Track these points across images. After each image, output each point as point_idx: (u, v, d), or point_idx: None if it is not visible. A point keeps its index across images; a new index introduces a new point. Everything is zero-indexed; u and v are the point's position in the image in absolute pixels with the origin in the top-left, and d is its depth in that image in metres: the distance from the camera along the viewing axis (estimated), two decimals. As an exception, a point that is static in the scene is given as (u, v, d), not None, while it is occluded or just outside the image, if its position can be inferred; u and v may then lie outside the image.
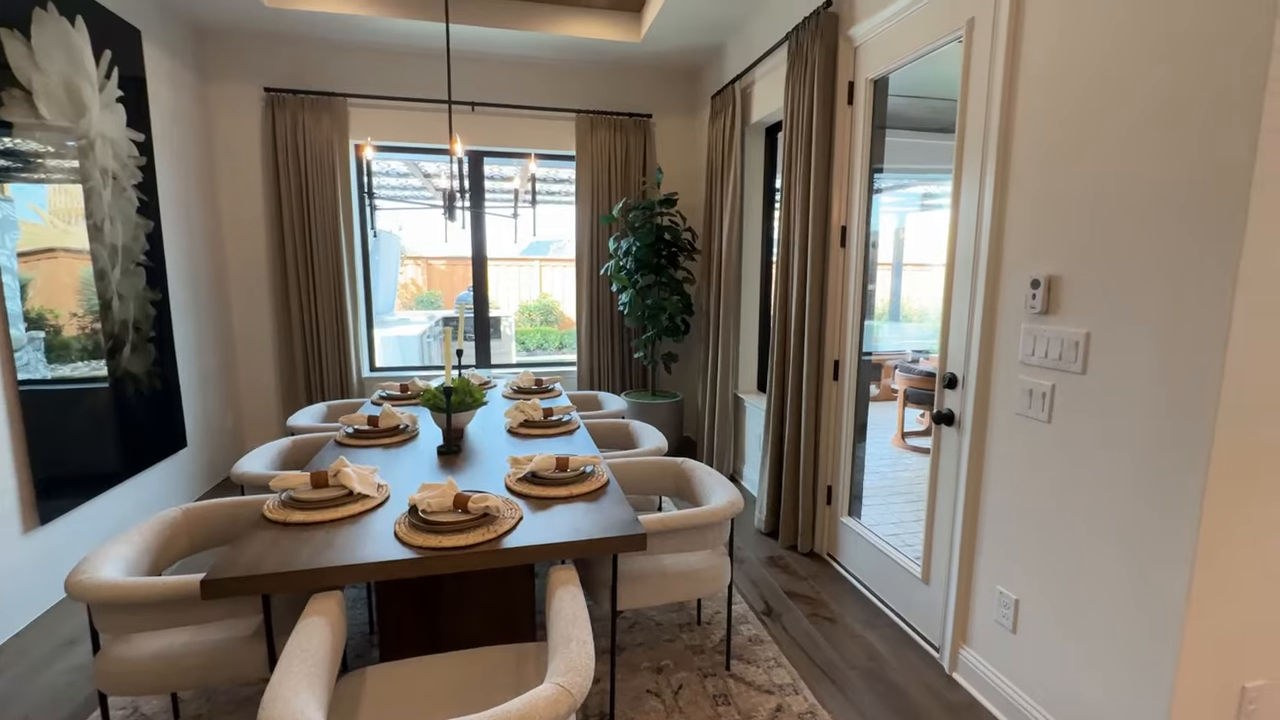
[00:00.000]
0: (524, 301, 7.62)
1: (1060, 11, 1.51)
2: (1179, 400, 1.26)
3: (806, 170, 2.56)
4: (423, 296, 7.97)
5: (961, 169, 1.86)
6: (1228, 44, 1.16)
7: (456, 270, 8.42)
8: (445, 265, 8.24)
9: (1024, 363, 1.65)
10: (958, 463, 1.90)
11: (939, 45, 1.96)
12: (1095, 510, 1.46)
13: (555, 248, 7.67)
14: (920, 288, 7.55)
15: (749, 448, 3.59)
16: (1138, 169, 1.33)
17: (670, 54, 3.92)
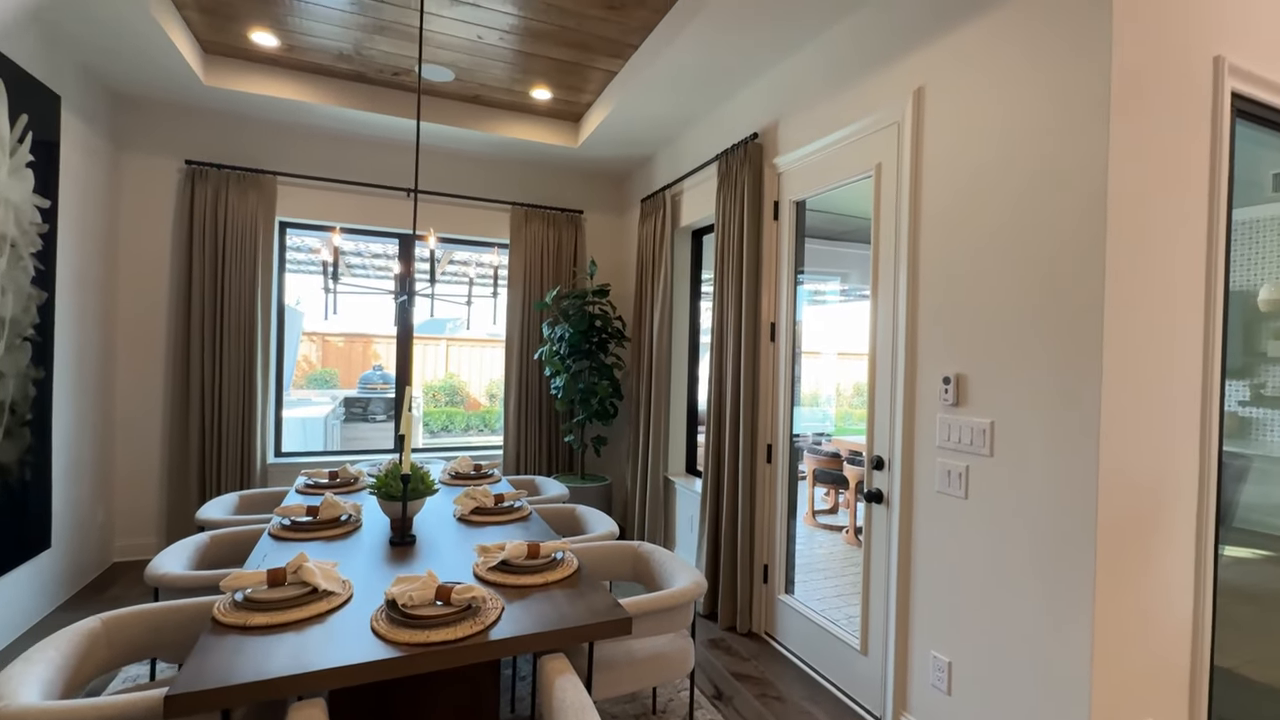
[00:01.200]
0: (429, 381, 7.40)
1: (946, 163, 1.92)
2: (1069, 478, 1.56)
3: (739, 273, 2.87)
4: (316, 375, 7.51)
5: (878, 281, 2.21)
6: (1074, 190, 1.55)
7: (355, 347, 8.06)
8: (344, 342, 7.87)
9: (941, 447, 1.93)
10: (888, 537, 2.12)
11: (852, 181, 2.37)
12: (1012, 574, 1.70)
13: (453, 326, 7.62)
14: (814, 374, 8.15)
15: (680, 530, 3.68)
16: (1017, 288, 1.69)
17: (604, 160, 4.28)
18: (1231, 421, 2.98)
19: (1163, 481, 1.63)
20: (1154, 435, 1.61)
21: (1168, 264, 1.61)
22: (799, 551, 3.38)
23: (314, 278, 5.48)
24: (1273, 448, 2.82)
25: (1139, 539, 1.59)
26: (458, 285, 5.75)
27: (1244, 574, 2.52)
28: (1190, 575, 1.71)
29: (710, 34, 2.53)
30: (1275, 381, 2.86)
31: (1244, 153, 1.96)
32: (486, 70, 3.32)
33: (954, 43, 1.90)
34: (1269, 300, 2.83)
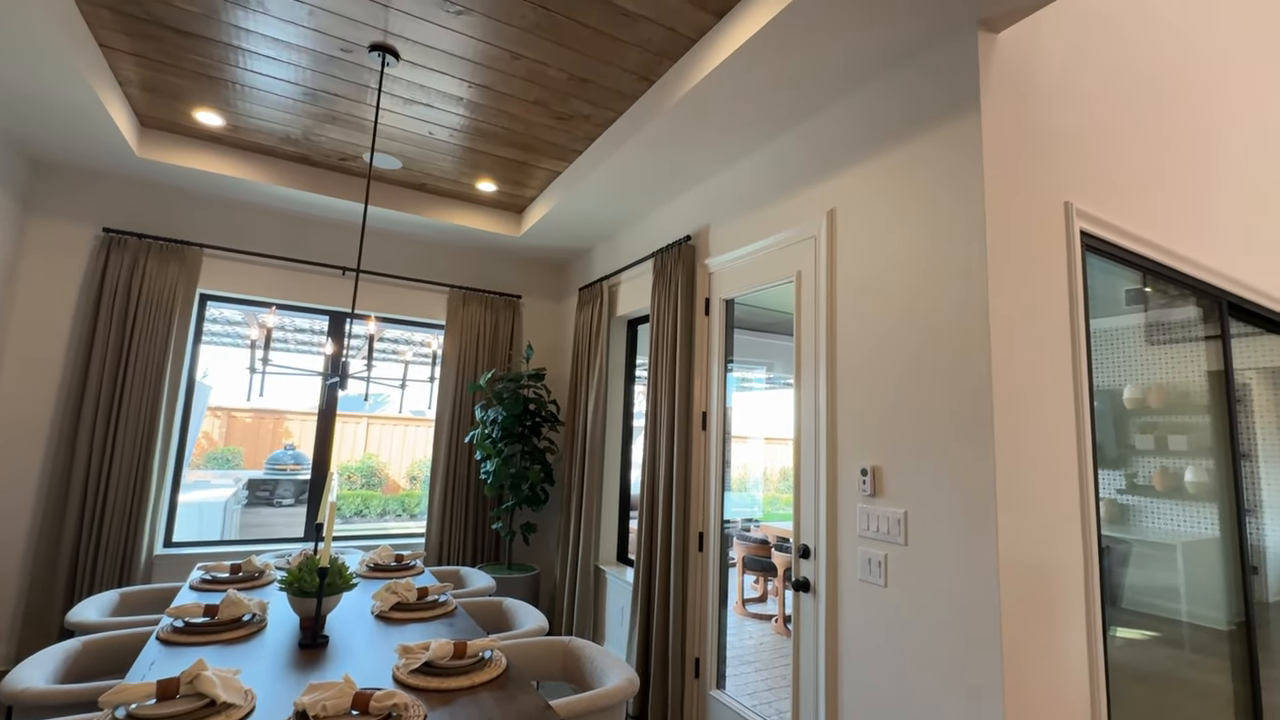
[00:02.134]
0: (344, 461, 7.00)
1: (856, 276, 2.15)
2: (973, 565, 1.69)
3: (672, 364, 3.00)
4: (217, 454, 6.95)
5: (800, 377, 2.38)
6: (962, 306, 1.78)
7: (264, 424, 7.58)
8: (252, 418, 7.41)
9: (862, 535, 2.04)
10: (816, 627, 2.16)
11: (776, 285, 2.60)
12: (931, 661, 1.78)
13: (374, 403, 7.34)
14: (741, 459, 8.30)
15: (609, 621, 3.57)
16: (921, 390, 1.88)
17: (545, 249, 4.45)
18: (1113, 509, 3.31)
19: (1053, 566, 1.79)
20: (1043, 523, 1.78)
21: (1042, 370, 1.86)
22: (730, 643, 3.34)
23: (229, 350, 5.22)
24: (1148, 532, 3.13)
25: (1037, 622, 1.71)
26: (387, 364, 5.62)
27: (1134, 655, 2.72)
28: (1084, 657, 1.84)
29: (648, 149, 2.79)
30: (1145, 471, 3.22)
31: (1103, 270, 2.33)
32: (434, 161, 3.45)
33: (861, 174, 2.20)
34: (1132, 399, 3.24)
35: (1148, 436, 3.21)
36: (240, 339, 4.91)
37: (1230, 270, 2.83)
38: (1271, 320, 3.23)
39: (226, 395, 6.82)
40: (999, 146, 1.85)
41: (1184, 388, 3.07)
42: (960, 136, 1.86)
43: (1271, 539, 3.35)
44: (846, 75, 2.17)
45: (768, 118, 2.48)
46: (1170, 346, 3.09)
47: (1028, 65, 2.00)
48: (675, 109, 2.45)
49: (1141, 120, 2.47)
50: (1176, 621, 2.90)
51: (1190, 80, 2.80)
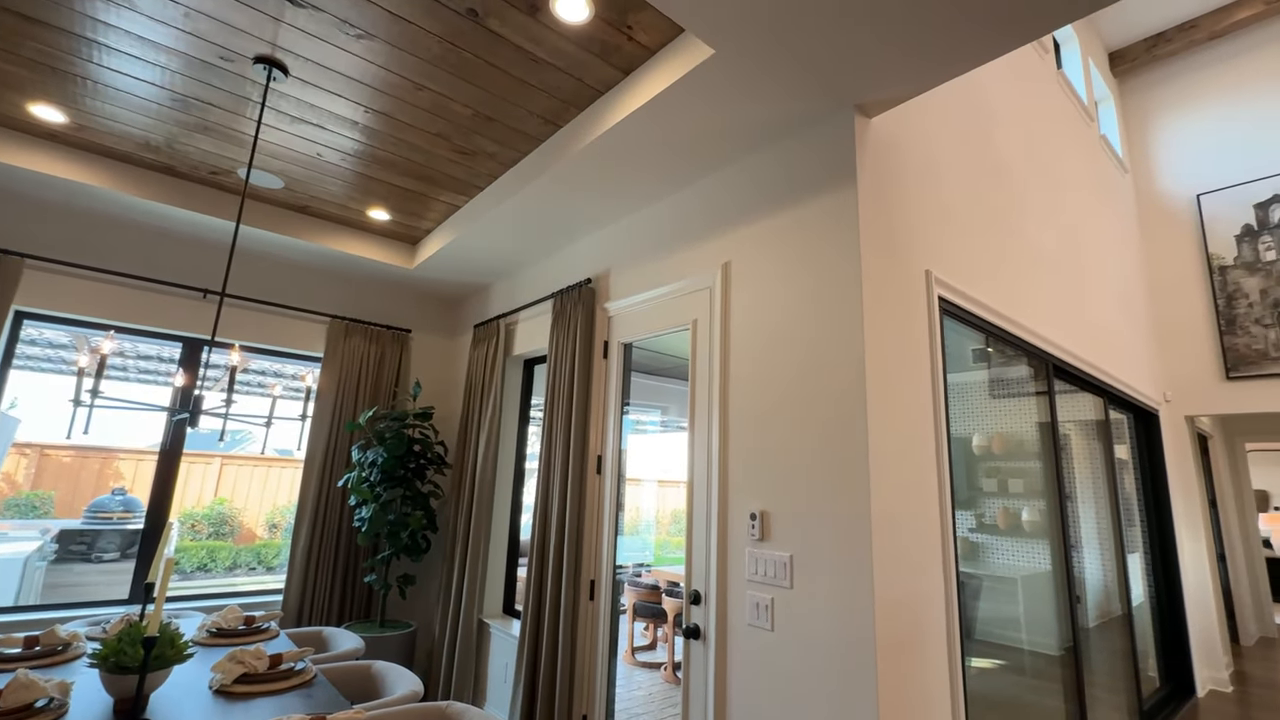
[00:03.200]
0: (189, 507, 6.15)
1: (749, 327, 2.27)
2: (853, 605, 1.77)
3: (569, 405, 2.96)
4: (20, 500, 5.87)
5: (694, 423, 2.43)
6: (842, 359, 1.92)
7: (88, 464, 6.55)
8: (73, 457, 6.37)
9: (750, 580, 2.08)
10: (705, 673, 2.15)
11: (673, 332, 2.67)
12: (814, 698, 1.82)
13: (229, 442, 6.61)
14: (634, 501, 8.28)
15: (493, 679, 3.34)
16: (805, 436, 1.99)
17: (439, 282, 4.29)
18: (965, 546, 3.64)
19: (921, 603, 1.92)
20: (912, 562, 1.91)
21: (908, 419, 2.03)
22: (619, 694, 3.24)
23: (49, 378, 4.48)
24: (994, 567, 3.47)
25: (908, 656, 1.82)
26: (252, 398, 5.09)
27: (986, 682, 2.96)
28: (947, 686, 1.97)
29: (553, 191, 2.81)
30: (990, 511, 3.58)
31: (954, 331, 2.61)
32: (321, 184, 3.25)
33: (754, 232, 2.34)
34: (980, 446, 3.63)
35: (992, 480, 3.60)
36: (66, 365, 4.24)
37: (1054, 337, 3.30)
38: (1084, 380, 3.78)
39: (41, 429, 5.78)
40: (872, 217, 2.05)
41: (1020, 436, 3.49)
42: (840, 205, 2.04)
43: (1090, 571, 3.83)
44: (741, 141, 2.32)
45: (669, 172, 2.59)
46: (1008, 400, 3.51)
47: (896, 150, 2.26)
48: (581, 155, 2.49)
49: (987, 206, 2.86)
50: (1019, 649, 3.21)
51: (1025, 178, 3.30)
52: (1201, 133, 5.14)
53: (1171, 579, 4.54)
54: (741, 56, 1.84)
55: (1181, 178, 5.19)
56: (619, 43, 2.11)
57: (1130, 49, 5.42)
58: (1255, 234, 4.76)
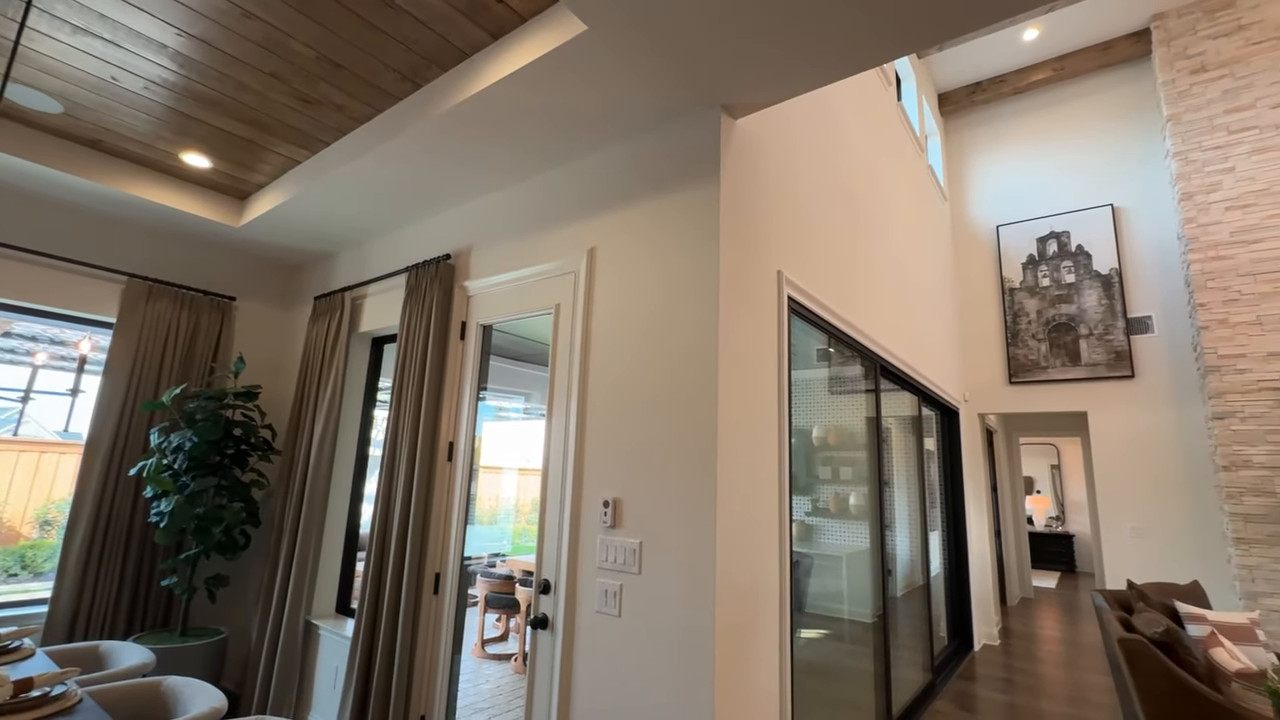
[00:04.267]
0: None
1: (612, 313, 2.25)
2: (695, 589, 1.83)
3: (420, 389, 2.77)
4: None
5: (552, 409, 2.38)
6: (697, 351, 1.97)
7: None
8: None
9: (601, 567, 2.07)
10: (552, 663, 2.12)
11: (535, 315, 2.58)
12: (657, 680, 1.86)
13: None
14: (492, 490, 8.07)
15: (320, 686, 3.05)
16: (660, 425, 2.02)
17: (272, 246, 3.79)
18: (801, 529, 3.97)
19: (757, 584, 2.04)
20: (751, 546, 2.02)
21: (755, 411, 2.14)
22: (463, 691, 3.11)
23: None
24: (825, 547, 3.81)
25: (743, 634, 1.92)
26: (17, 368, 4.20)
27: (811, 651, 3.25)
28: (776, 659, 2.12)
29: (412, 156, 2.58)
30: (824, 496, 3.92)
31: (801, 330, 2.81)
32: (117, 116, 2.72)
33: (621, 219, 2.33)
34: (818, 437, 3.96)
35: (827, 468, 3.96)
36: None
37: (883, 341, 3.68)
38: (904, 380, 4.27)
39: None
40: (732, 214, 2.12)
41: (851, 429, 3.86)
42: (703, 201, 2.09)
43: (900, 547, 4.36)
44: (614, 126, 2.29)
45: (539, 149, 2.49)
46: (844, 396, 3.87)
47: (757, 153, 2.36)
48: (443, 120, 2.31)
49: (833, 218, 3.10)
50: (840, 619, 3.57)
51: (866, 196, 3.63)
52: (1005, 172, 6.03)
53: (961, 552, 5.32)
54: (616, 39, 1.80)
55: (987, 210, 6.06)
56: (488, 2, 1.97)
57: (955, 93, 6.20)
58: (1036, 263, 5.68)
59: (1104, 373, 5.17)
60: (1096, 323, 5.28)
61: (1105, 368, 5.17)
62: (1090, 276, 5.38)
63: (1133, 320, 5.16)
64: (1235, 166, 4.61)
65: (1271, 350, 4.31)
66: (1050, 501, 10.85)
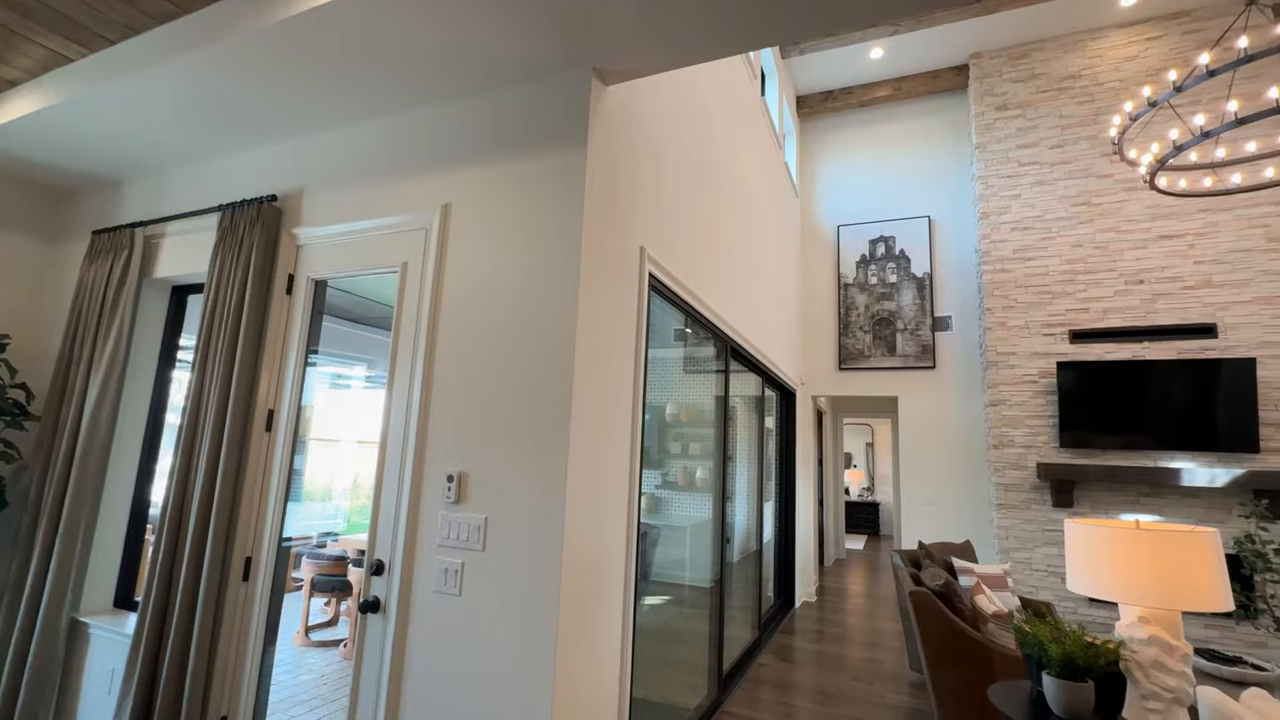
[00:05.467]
0: None
1: (465, 276, 2.10)
2: (540, 565, 1.79)
3: (233, 350, 2.39)
4: None
5: (394, 375, 2.18)
6: (555, 324, 1.91)
7: None
8: None
9: (441, 545, 1.96)
10: (382, 650, 1.97)
11: (379, 273, 2.34)
12: (499, 659, 1.80)
13: None
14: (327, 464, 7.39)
15: (89, 693, 2.58)
16: (511, 398, 1.93)
17: (31, 164, 3.04)
18: (651, 501, 4.10)
19: (605, 557, 2.06)
20: (601, 520, 2.03)
21: (611, 387, 2.13)
22: (282, 683, 2.82)
23: None
24: (673, 518, 3.97)
25: (587, 607, 1.93)
26: None
27: (655, 616, 3.38)
28: (619, 629, 2.16)
29: (226, 73, 2.18)
30: (674, 470, 4.07)
31: (661, 309, 2.84)
32: None
33: (481, 176, 2.16)
34: (672, 414, 4.09)
35: (679, 444, 4.11)
36: None
37: (734, 323, 3.87)
38: (752, 362, 4.56)
39: None
40: (598, 183, 2.06)
41: (701, 407, 4.04)
42: (569, 166, 2.01)
43: (738, 517, 4.68)
44: (479, 75, 2.11)
45: (391, 87, 2.23)
46: (696, 375, 4.03)
47: (627, 125, 2.32)
48: (274, 33, 1.97)
49: (696, 200, 3.16)
50: (683, 585, 3.76)
51: (727, 183, 3.76)
52: (848, 177, 6.62)
53: (790, 521, 5.87)
54: (479, -29, 1.64)
55: (831, 210, 6.62)
56: (329, -98, 1.70)
57: (811, 97, 6.65)
58: (867, 262, 6.33)
59: (913, 363, 5.94)
60: (910, 319, 6.03)
61: (914, 359, 5.94)
62: (909, 278, 6.11)
63: (938, 319, 5.96)
64: (1021, 194, 5.47)
65: (1034, 350, 5.22)
66: (864, 475, 12.37)
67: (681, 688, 3.29)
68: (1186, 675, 1.75)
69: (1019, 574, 4.98)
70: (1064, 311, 5.18)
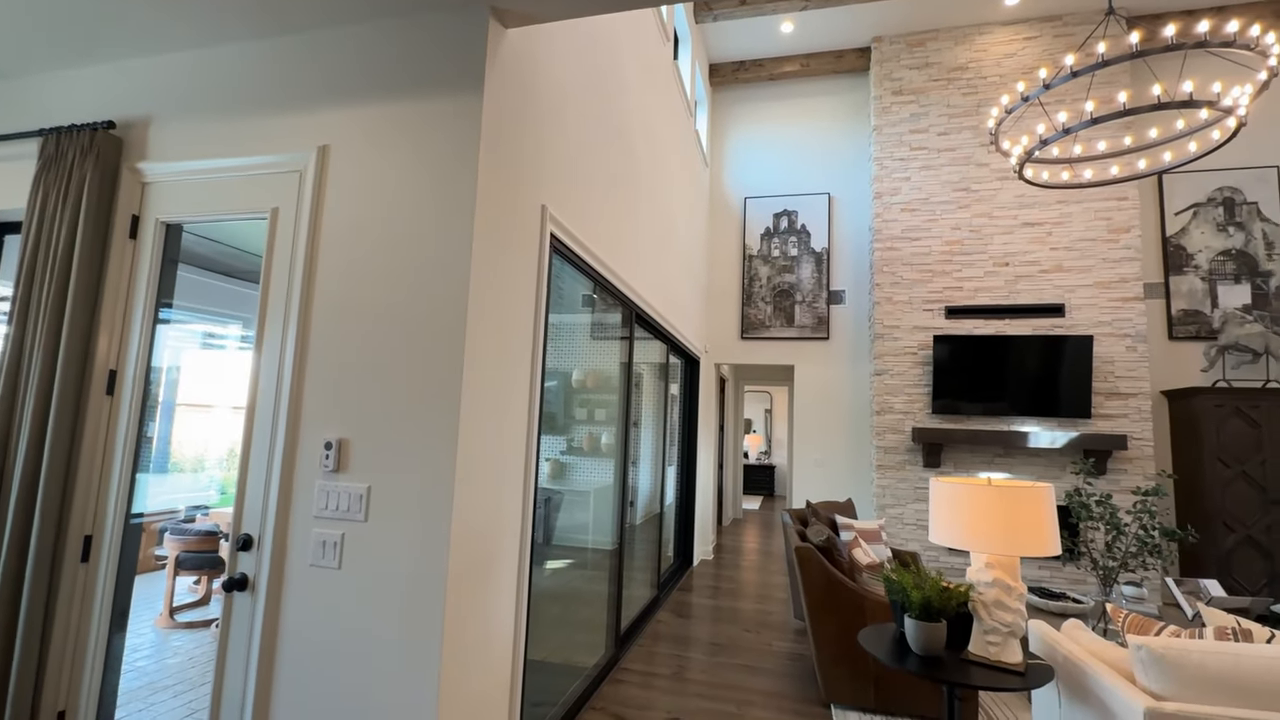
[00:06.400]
0: None
1: (347, 226, 1.93)
2: (428, 536, 1.72)
3: (61, 301, 2.06)
4: None
5: (264, 333, 1.97)
6: (446, 284, 1.79)
7: None
8: None
9: (319, 516, 1.82)
10: (251, 631, 1.83)
11: (244, 218, 2.09)
12: (379, 632, 1.72)
13: None
14: (198, 432, 6.76)
15: (-113, 699, 2.22)
16: (399, 360, 1.81)
17: None
18: (556, 467, 4.07)
19: (499, 524, 2.01)
20: (495, 487, 1.97)
21: (508, 351, 2.06)
22: (142, 669, 2.58)
23: None
24: (577, 483, 3.97)
25: (478, 576, 1.88)
26: None
27: (557, 579, 3.39)
28: (514, 596, 2.14)
29: (39, -37, 1.82)
30: (579, 436, 4.06)
31: (570, 276, 2.77)
32: None
33: (366, 116, 1.97)
34: (578, 380, 4.05)
35: (584, 410, 4.09)
36: None
37: (641, 290, 3.86)
38: (657, 329, 4.59)
39: None
40: (495, 133, 1.94)
41: (608, 373, 4.03)
42: (464, 111, 1.87)
43: (642, 481, 4.77)
44: None
45: (252, 7, 1.95)
46: (603, 342, 4.01)
47: (529, 75, 2.19)
48: (93, -77, 1.65)
49: (604, 162, 3.08)
50: (585, 548, 3.79)
51: (637, 146, 3.69)
52: (756, 149, 6.73)
53: (690, 484, 6.07)
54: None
55: (740, 181, 6.72)
56: None
57: (724, 66, 6.66)
58: (771, 235, 6.52)
59: (809, 334, 6.25)
60: (808, 292, 6.31)
61: (810, 330, 6.25)
62: (808, 253, 6.37)
63: (832, 292, 6.28)
64: (911, 177, 5.82)
65: (915, 324, 5.64)
66: (762, 439, 13.03)
67: (581, 648, 3.35)
68: (1021, 612, 1.99)
69: (893, 528, 5.47)
70: (942, 289, 5.63)
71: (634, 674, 3.42)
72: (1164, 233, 5.59)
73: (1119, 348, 5.17)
